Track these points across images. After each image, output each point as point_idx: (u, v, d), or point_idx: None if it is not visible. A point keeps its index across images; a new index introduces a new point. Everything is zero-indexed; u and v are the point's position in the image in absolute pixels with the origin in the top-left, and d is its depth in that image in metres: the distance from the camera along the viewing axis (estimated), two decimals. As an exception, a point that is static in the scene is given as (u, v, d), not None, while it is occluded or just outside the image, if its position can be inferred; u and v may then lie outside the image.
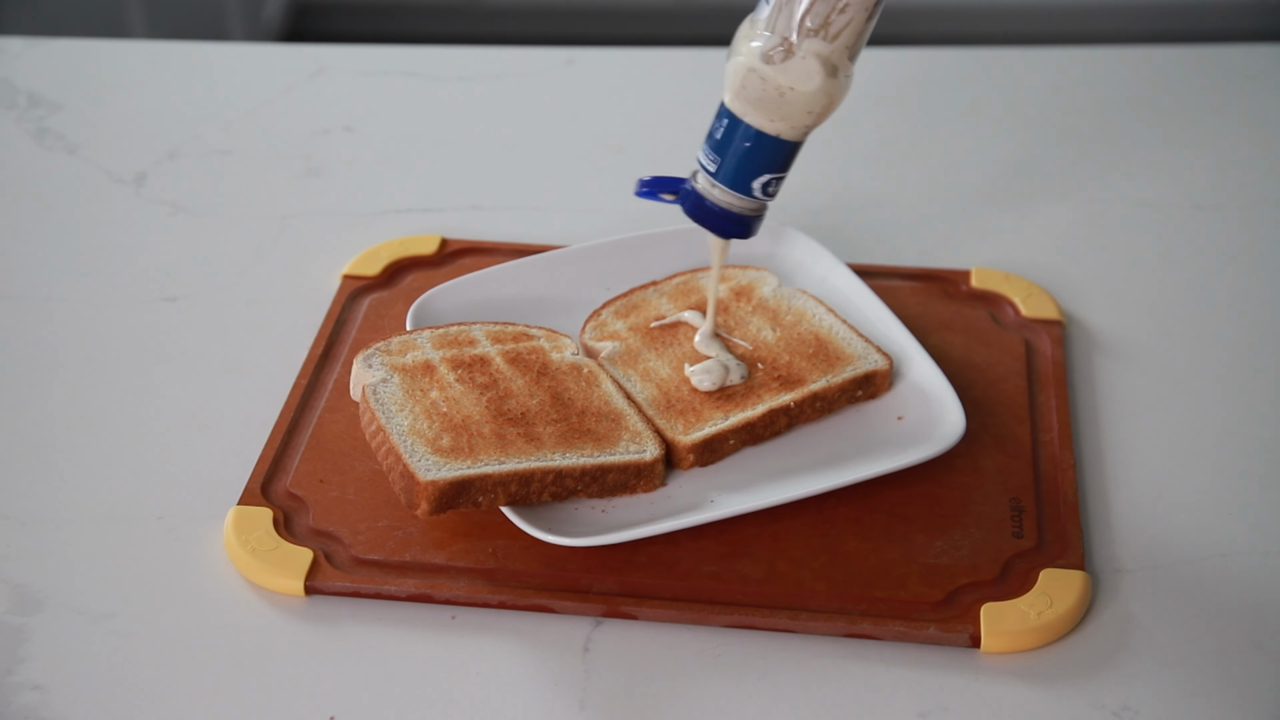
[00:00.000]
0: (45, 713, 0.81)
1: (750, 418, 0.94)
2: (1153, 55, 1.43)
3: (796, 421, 0.96)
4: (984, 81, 1.38)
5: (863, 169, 1.26)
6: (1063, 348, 1.04)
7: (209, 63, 1.42)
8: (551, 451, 0.89)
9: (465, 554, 0.88)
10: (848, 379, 0.96)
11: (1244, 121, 1.32)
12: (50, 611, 0.87)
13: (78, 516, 0.93)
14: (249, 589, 0.88)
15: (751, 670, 0.84)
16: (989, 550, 0.89)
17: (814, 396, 0.95)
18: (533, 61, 1.41)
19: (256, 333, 1.07)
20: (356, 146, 1.28)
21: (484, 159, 1.27)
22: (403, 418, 0.90)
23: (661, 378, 0.97)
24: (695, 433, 0.92)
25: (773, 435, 0.95)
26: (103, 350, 1.05)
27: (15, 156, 1.26)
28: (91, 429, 0.99)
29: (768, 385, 0.96)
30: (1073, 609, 0.86)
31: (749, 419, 0.94)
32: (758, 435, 0.94)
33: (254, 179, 1.24)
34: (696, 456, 0.92)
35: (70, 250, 1.15)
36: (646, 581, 0.87)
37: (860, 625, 0.85)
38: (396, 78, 1.38)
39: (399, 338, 0.96)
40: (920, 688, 0.83)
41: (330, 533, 0.90)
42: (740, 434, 0.94)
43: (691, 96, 1.36)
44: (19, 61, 1.38)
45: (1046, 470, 0.94)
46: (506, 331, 0.98)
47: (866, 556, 0.89)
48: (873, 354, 0.98)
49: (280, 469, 0.94)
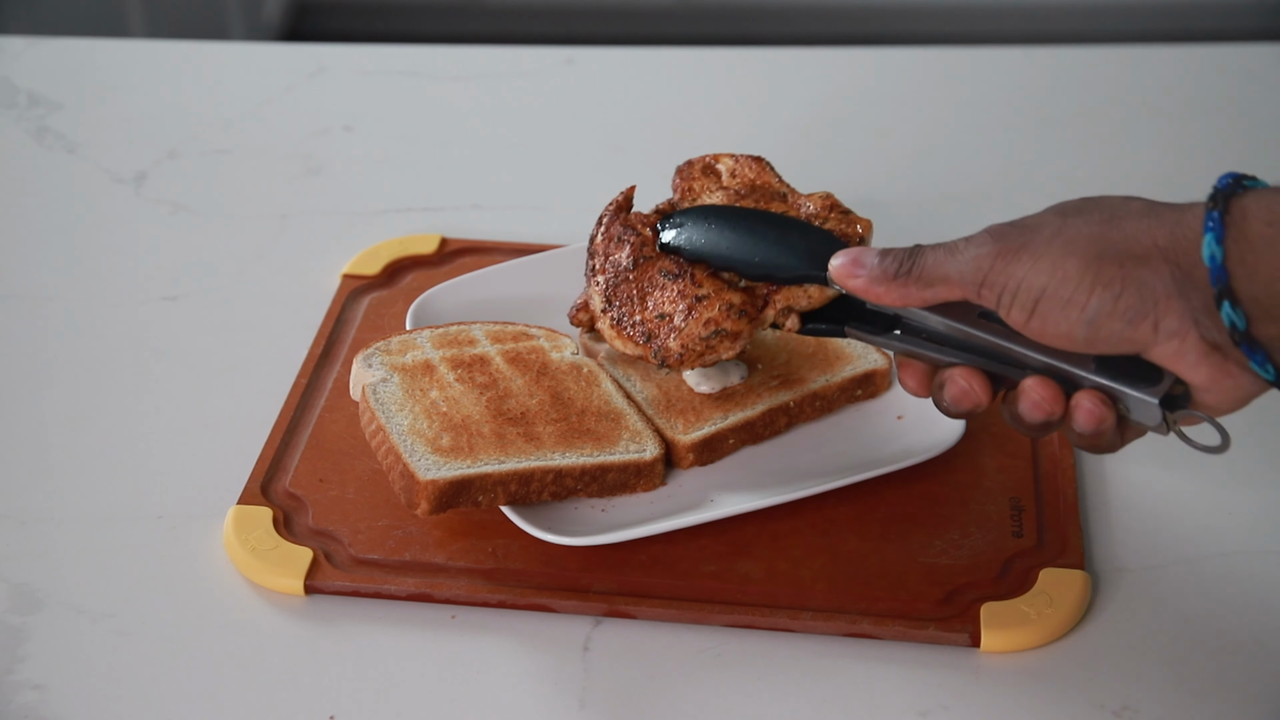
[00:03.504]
0: (45, 712, 0.81)
1: (750, 417, 0.94)
2: (1153, 55, 1.43)
3: (796, 421, 0.96)
4: (984, 81, 1.38)
5: (862, 169, 1.26)
6: (1063, 347, 1.04)
7: (209, 62, 1.42)
8: (551, 451, 0.89)
9: (465, 553, 0.88)
10: (847, 378, 0.96)
11: (1244, 121, 1.32)
12: (50, 611, 0.87)
13: (78, 516, 0.93)
14: (249, 589, 0.88)
15: (751, 670, 0.84)
16: (989, 550, 0.89)
17: (813, 396, 0.95)
18: (533, 61, 1.41)
19: (256, 333, 1.07)
20: (356, 146, 1.28)
21: (484, 159, 1.27)
22: (402, 417, 0.90)
23: (661, 377, 0.97)
24: (695, 432, 0.92)
25: (772, 434, 0.95)
26: (102, 350, 1.05)
27: (15, 156, 1.26)
28: (91, 429, 0.99)
29: (767, 384, 0.96)
30: (1073, 609, 0.86)
31: (749, 418, 0.94)
32: (757, 434, 0.94)
33: (254, 179, 1.24)
34: (696, 456, 0.92)
35: (70, 250, 1.15)
36: (646, 581, 0.87)
37: (860, 625, 0.85)
38: (396, 77, 1.38)
39: (399, 337, 0.96)
40: (920, 687, 0.83)
41: (330, 532, 0.90)
42: (740, 433, 0.94)
43: (691, 96, 1.36)
44: (19, 61, 1.38)
45: (1046, 470, 0.94)
46: (506, 331, 0.98)
47: (866, 556, 0.89)
48: (871, 353, 0.98)
49: (280, 468, 0.94)
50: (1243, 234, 0.72)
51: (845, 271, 0.82)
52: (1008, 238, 0.77)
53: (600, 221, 0.93)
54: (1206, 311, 0.74)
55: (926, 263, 0.80)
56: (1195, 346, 0.74)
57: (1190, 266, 0.73)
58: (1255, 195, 0.73)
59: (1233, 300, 0.72)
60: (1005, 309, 0.77)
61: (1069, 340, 0.76)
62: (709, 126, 1.32)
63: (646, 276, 0.89)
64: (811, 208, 0.90)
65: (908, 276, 0.80)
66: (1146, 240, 0.74)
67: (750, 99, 1.37)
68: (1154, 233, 0.74)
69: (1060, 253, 0.75)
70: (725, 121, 1.33)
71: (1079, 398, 0.78)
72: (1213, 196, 0.73)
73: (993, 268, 0.77)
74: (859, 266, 0.82)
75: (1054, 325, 0.76)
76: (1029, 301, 0.76)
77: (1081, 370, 0.78)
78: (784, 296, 0.87)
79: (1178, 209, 0.75)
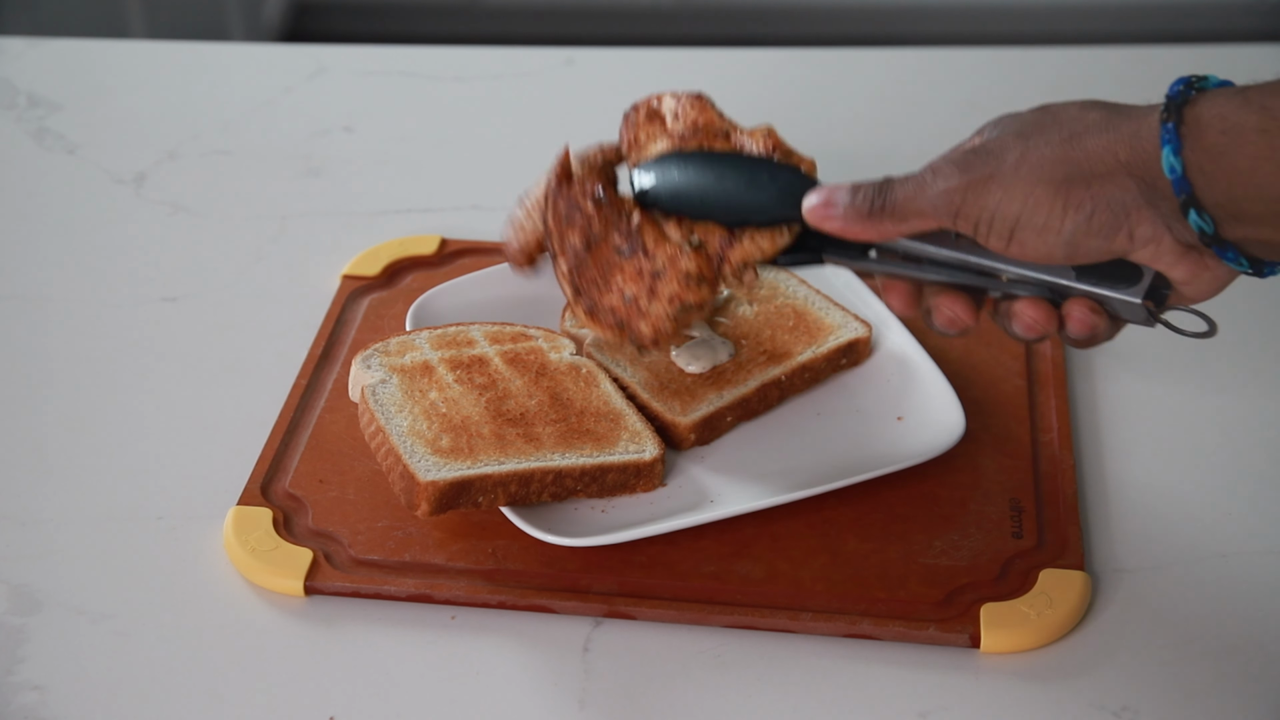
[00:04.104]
0: (45, 713, 0.81)
1: (744, 394, 0.95)
2: (1153, 55, 1.43)
3: (788, 394, 0.97)
4: (984, 81, 1.38)
5: (862, 169, 1.26)
6: (1062, 348, 1.04)
7: (209, 63, 1.42)
8: (551, 452, 0.89)
9: (465, 554, 0.88)
10: (832, 348, 0.98)
11: (1244, 121, 1.32)
12: (50, 611, 0.87)
13: (78, 516, 0.93)
14: (249, 589, 0.88)
15: (751, 670, 0.84)
16: (989, 550, 0.89)
17: (801, 368, 0.97)
18: (533, 61, 1.41)
19: (256, 333, 1.07)
20: (356, 146, 1.28)
21: (484, 159, 1.27)
22: (402, 418, 0.90)
23: (650, 360, 0.97)
24: (694, 413, 0.94)
25: (766, 409, 0.97)
26: (102, 350, 1.05)
27: (15, 156, 1.26)
28: (91, 429, 0.99)
29: (756, 361, 0.97)
30: (1073, 609, 0.86)
31: (743, 395, 0.95)
32: (752, 410, 0.96)
33: (254, 179, 1.24)
34: (698, 436, 0.94)
35: (70, 250, 1.15)
36: (646, 581, 0.87)
37: (860, 625, 0.85)
38: (396, 78, 1.38)
39: (397, 338, 0.96)
40: (920, 688, 0.83)
41: (330, 533, 0.90)
42: (736, 410, 0.95)
43: (691, 96, 1.36)
44: (19, 61, 1.38)
45: (1046, 470, 0.94)
46: (505, 332, 0.98)
47: (866, 556, 0.89)
48: (851, 322, 1.00)
49: (280, 469, 0.94)
50: (1199, 143, 0.73)
51: (819, 214, 0.83)
52: (973, 167, 0.78)
53: (547, 199, 0.89)
54: (1176, 217, 0.75)
55: (898, 197, 0.81)
56: (1171, 249, 0.76)
57: (1153, 178, 0.75)
58: (1209, 100, 0.74)
59: (1198, 208, 0.74)
60: (983, 237, 0.78)
61: (1049, 259, 0.78)
62: (709, 127, 1.32)
63: (603, 257, 0.87)
64: (755, 146, 0.89)
65: (881, 212, 0.81)
66: (1109, 158, 0.76)
67: (750, 99, 1.36)
68: (1115, 149, 0.76)
69: (1029, 180, 0.76)
70: (725, 122, 1.32)
71: (1069, 308, 0.80)
72: (1166, 107, 0.74)
73: (965, 200, 0.78)
74: (831, 207, 0.82)
75: (1033, 248, 0.77)
76: (1005, 230, 0.77)
77: (1064, 280, 0.80)
78: (738, 253, 0.86)
79: (1134, 118, 0.76)
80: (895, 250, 0.83)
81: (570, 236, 0.87)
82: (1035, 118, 0.79)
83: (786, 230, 0.86)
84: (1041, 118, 0.79)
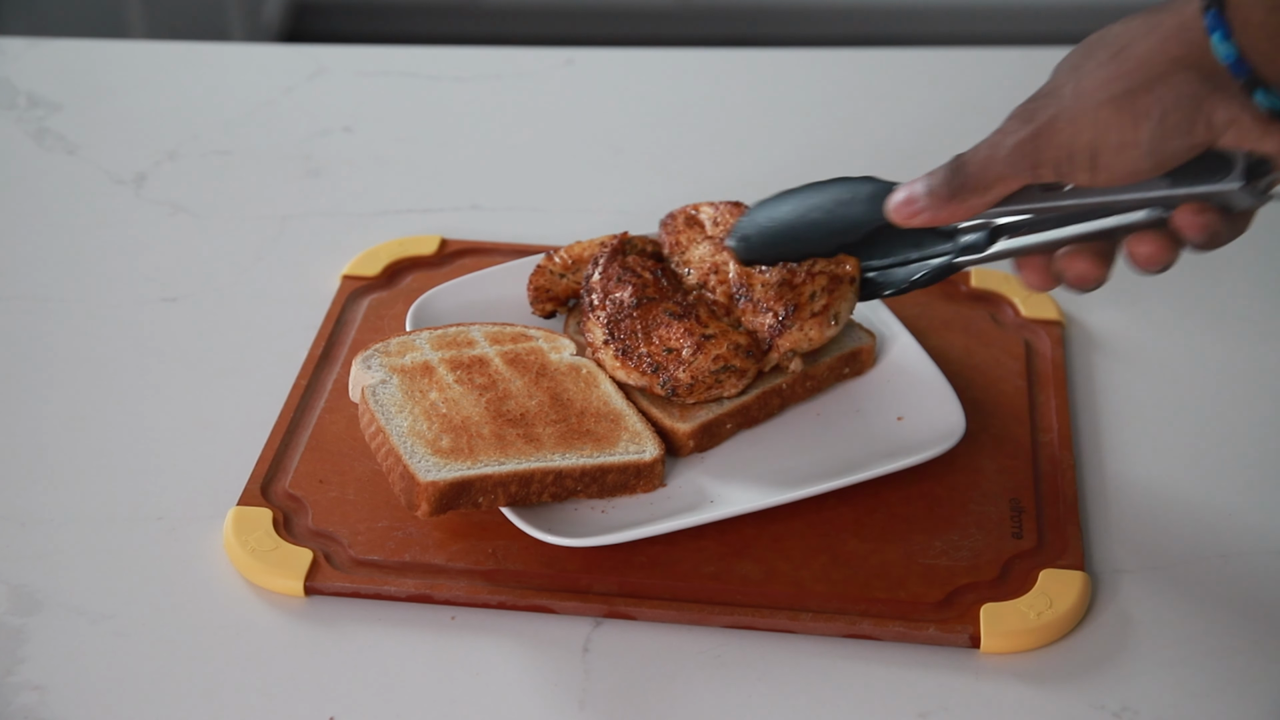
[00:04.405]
0: (45, 713, 0.81)
1: (745, 401, 0.95)
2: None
3: (789, 402, 0.97)
4: (984, 81, 1.38)
5: (862, 169, 1.26)
6: (1062, 348, 1.04)
7: (209, 63, 1.42)
8: (551, 452, 0.89)
9: (465, 554, 0.88)
10: (835, 357, 0.98)
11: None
12: (50, 612, 0.87)
13: (78, 517, 0.93)
14: (249, 589, 0.88)
15: (751, 670, 0.84)
16: (989, 550, 0.89)
17: (804, 376, 0.97)
18: (533, 61, 1.41)
19: (256, 333, 1.07)
20: (356, 147, 1.28)
21: (484, 159, 1.27)
22: (402, 419, 0.90)
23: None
24: (693, 419, 0.93)
25: (767, 417, 0.96)
26: (102, 351, 1.05)
27: (15, 156, 1.26)
28: (91, 429, 0.99)
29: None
30: (1072, 609, 0.86)
31: (744, 403, 0.95)
32: (753, 418, 0.96)
33: (254, 179, 1.24)
34: (696, 442, 0.93)
35: (70, 250, 1.15)
36: (646, 582, 0.87)
37: (860, 625, 0.85)
38: (396, 78, 1.38)
39: (397, 339, 0.96)
40: (920, 688, 0.83)
41: (330, 533, 0.90)
42: (736, 417, 0.95)
43: (691, 96, 1.36)
44: (19, 61, 1.38)
45: (1046, 470, 0.94)
46: (505, 332, 0.98)
47: (866, 557, 0.89)
48: (856, 331, 0.99)
49: (280, 469, 0.94)
50: (1247, 26, 0.74)
51: (904, 212, 0.84)
52: (1036, 115, 0.78)
53: (596, 263, 0.97)
54: (1246, 94, 0.75)
55: (973, 169, 0.81)
56: (1253, 126, 0.76)
57: (1211, 66, 0.75)
58: None
59: (1264, 86, 0.74)
60: (1069, 175, 0.78)
61: (1138, 174, 0.77)
62: (709, 127, 1.32)
63: (650, 315, 0.94)
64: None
65: (963, 189, 0.81)
66: (1162, 59, 0.76)
67: (750, 100, 1.37)
68: (1165, 48, 0.76)
69: (1091, 105, 0.76)
70: (725, 122, 1.33)
71: (1178, 220, 0.79)
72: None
73: (1037, 148, 0.78)
74: (913, 201, 0.83)
75: (1120, 170, 0.77)
76: (1086, 161, 0.77)
77: (1161, 191, 0.79)
78: (786, 340, 0.93)
79: (1175, 12, 0.76)
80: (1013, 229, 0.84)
81: (617, 291, 0.95)
82: (1081, 49, 0.79)
83: (834, 321, 0.93)
84: (1085, 47, 0.79)
